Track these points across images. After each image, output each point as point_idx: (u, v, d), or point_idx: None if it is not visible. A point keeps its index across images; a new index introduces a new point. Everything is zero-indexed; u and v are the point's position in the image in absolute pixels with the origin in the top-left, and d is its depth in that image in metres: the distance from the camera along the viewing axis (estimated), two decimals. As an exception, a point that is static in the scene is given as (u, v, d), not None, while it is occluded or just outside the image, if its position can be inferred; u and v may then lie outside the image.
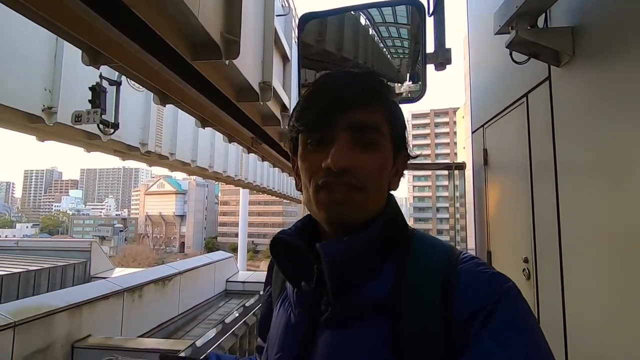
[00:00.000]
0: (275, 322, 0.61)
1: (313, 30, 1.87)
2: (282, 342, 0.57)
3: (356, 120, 0.52)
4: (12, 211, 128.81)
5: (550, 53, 1.34)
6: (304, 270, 0.55)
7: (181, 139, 7.40)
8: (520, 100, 1.67)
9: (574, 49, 1.25)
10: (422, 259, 0.52)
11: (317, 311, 0.54)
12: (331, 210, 0.52)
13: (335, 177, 0.51)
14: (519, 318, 0.46)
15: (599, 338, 1.16)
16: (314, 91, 0.56)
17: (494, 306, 0.45)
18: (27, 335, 3.94)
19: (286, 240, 0.57)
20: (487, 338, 0.44)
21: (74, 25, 2.60)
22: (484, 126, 2.15)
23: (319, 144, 0.53)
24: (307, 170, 0.54)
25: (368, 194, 0.52)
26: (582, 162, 1.25)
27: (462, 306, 0.46)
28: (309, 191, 0.54)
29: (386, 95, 0.56)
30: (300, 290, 0.56)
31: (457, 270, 0.50)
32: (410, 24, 1.88)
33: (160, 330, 6.68)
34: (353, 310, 0.51)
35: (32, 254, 11.24)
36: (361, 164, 0.51)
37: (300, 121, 0.55)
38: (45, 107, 4.50)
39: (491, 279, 0.48)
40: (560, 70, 1.33)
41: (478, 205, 2.24)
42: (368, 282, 0.52)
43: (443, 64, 1.66)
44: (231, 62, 3.30)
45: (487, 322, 0.44)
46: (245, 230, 26.24)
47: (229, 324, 2.23)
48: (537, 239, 1.52)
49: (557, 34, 1.28)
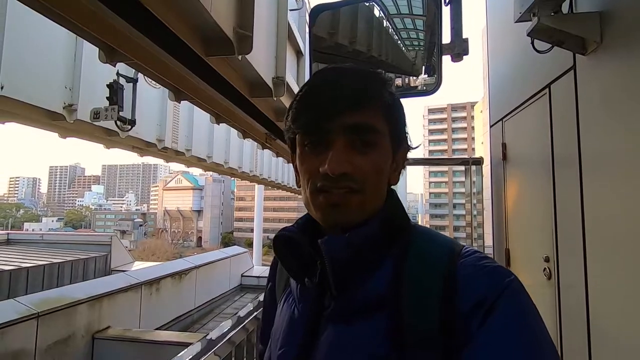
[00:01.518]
0: (279, 317, 0.61)
1: (325, 22, 1.83)
2: (286, 336, 0.57)
3: (350, 123, 0.52)
4: (38, 206, 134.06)
5: (575, 40, 1.26)
6: (307, 266, 0.56)
7: (197, 135, 7.48)
8: (542, 92, 1.59)
9: (601, 36, 1.17)
10: (422, 254, 0.52)
11: (320, 306, 0.54)
12: (328, 213, 0.53)
13: (333, 181, 0.51)
14: (521, 312, 0.45)
15: (626, 344, 1.09)
16: (307, 93, 0.56)
17: (496, 300, 0.45)
18: (49, 326, 4.09)
19: (288, 237, 0.57)
20: (489, 331, 0.44)
21: (89, 22, 2.64)
22: (502, 120, 2.06)
23: (315, 147, 0.54)
24: (305, 173, 0.55)
25: (365, 195, 0.53)
26: (610, 156, 1.17)
27: (464, 300, 0.46)
28: (307, 193, 0.55)
29: (382, 93, 0.55)
30: (304, 286, 0.57)
31: (458, 264, 0.49)
32: (425, 15, 1.81)
33: (177, 323, 6.81)
34: (354, 305, 0.52)
35: (56, 247, 11.66)
36: (358, 167, 0.52)
37: (296, 124, 0.55)
38: (66, 105, 4.62)
39: (493, 273, 0.48)
40: (587, 58, 1.25)
41: (496, 201, 2.16)
42: (369, 277, 0.52)
43: (460, 54, 1.60)
44: (244, 58, 3.29)
45: (489, 315, 0.44)
46: (260, 226, 26.50)
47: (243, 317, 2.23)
48: (559, 237, 1.45)
49: (584, 20, 1.20)
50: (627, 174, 1.08)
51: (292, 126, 0.56)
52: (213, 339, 1.69)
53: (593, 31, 1.18)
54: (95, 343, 4.67)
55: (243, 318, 2.01)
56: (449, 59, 1.59)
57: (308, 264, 0.55)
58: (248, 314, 2.03)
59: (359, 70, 0.58)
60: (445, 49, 1.60)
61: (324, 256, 0.51)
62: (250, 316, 2.00)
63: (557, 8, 1.24)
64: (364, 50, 1.88)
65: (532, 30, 1.25)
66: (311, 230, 0.58)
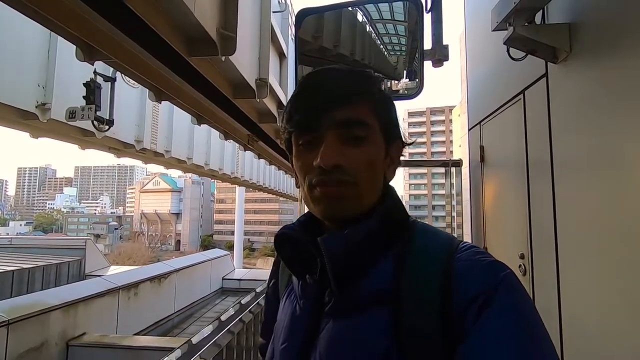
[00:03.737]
0: (281, 314, 0.63)
1: (310, 26, 1.85)
2: (287, 332, 0.59)
3: (341, 118, 0.54)
4: (5, 209, 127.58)
5: (547, 49, 1.34)
6: (308, 263, 0.57)
7: (177, 136, 7.34)
8: (517, 97, 1.67)
9: (571, 46, 1.25)
10: (422, 250, 0.53)
11: (321, 302, 0.55)
12: (326, 205, 0.55)
13: (327, 174, 0.53)
14: (517, 305, 0.46)
15: (595, 336, 1.16)
16: (300, 93, 0.58)
17: (492, 293, 0.45)
18: (21, 334, 3.92)
19: (289, 235, 0.59)
20: (485, 325, 0.44)
21: (67, 19, 2.56)
22: (480, 123, 2.15)
23: (309, 144, 0.55)
24: (301, 170, 0.57)
25: (360, 187, 0.54)
26: (579, 158, 1.25)
27: (460, 294, 0.47)
28: (305, 189, 0.57)
29: (371, 89, 0.57)
30: (305, 282, 0.58)
31: (455, 259, 0.50)
32: (407, 21, 1.87)
33: (157, 327, 6.66)
34: (355, 300, 0.53)
35: (26, 252, 11.16)
36: (350, 159, 0.53)
37: (290, 123, 0.58)
38: (39, 104, 4.44)
39: (488, 267, 0.49)
40: (558, 66, 1.33)
41: (474, 202, 2.24)
42: (369, 273, 0.53)
43: (440, 60, 1.66)
44: (227, 59, 3.27)
45: (485, 309, 0.45)
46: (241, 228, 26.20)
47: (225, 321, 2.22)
48: (533, 235, 1.53)
49: (554, 31, 1.27)
50: (595, 176, 1.16)
51: (287, 126, 0.58)
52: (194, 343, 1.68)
53: (563, 41, 1.26)
54: (70, 350, 4.52)
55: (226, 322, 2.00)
56: (429, 64, 1.65)
57: (309, 261, 0.57)
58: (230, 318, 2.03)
59: (348, 69, 0.60)
60: (427, 54, 1.65)
61: (324, 253, 0.52)
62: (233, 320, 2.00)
63: (531, 19, 1.31)
64: (347, 54, 1.91)
65: (508, 39, 1.32)
66: (312, 228, 0.60)
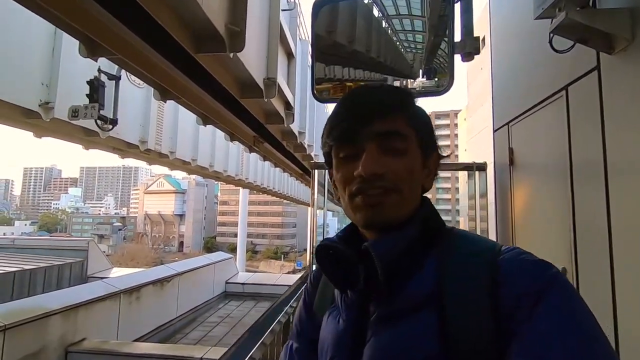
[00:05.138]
0: (324, 330, 0.64)
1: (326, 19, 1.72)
2: (334, 347, 0.59)
3: (380, 131, 0.56)
4: (10, 209, 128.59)
5: (601, 38, 1.19)
6: (350, 275, 0.57)
7: (181, 137, 7.24)
8: (557, 94, 1.52)
9: (633, 33, 1.10)
10: (464, 252, 0.54)
11: (366, 313, 0.56)
12: (367, 212, 0.56)
13: (368, 183, 0.55)
14: (572, 303, 0.45)
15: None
16: (341, 109, 0.61)
17: (544, 290, 0.44)
18: (17, 339, 3.78)
19: (332, 246, 0.59)
20: (540, 322, 0.43)
21: (71, 13, 2.46)
22: (509, 124, 1.99)
23: (349, 156, 0.58)
24: (342, 181, 0.59)
25: (401, 194, 0.56)
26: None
27: (508, 292, 0.46)
28: (345, 199, 0.59)
29: (407, 104, 0.60)
30: (347, 295, 0.59)
31: (500, 260, 0.50)
32: (427, 15, 1.73)
33: (158, 332, 6.52)
34: (400, 307, 0.53)
35: (29, 252, 11.07)
36: (390, 168, 0.55)
37: (331, 137, 0.60)
38: (42, 102, 4.35)
39: (535, 265, 0.49)
40: (614, 57, 1.18)
41: (500, 208, 2.08)
42: (412, 278, 0.54)
43: (471, 53, 1.53)
44: (235, 56, 3.15)
45: (538, 306, 0.44)
46: (244, 231, 26.14)
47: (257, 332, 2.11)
48: (579, 248, 1.37)
49: (614, 16, 1.12)
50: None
51: (327, 140, 0.61)
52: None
53: (624, 28, 1.10)
54: (68, 357, 4.38)
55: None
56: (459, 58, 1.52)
57: (351, 273, 0.57)
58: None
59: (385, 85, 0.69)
60: (456, 47, 1.52)
61: (374, 256, 0.53)
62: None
63: (585, 3, 1.16)
64: (362, 51, 1.79)
65: (558, 26, 1.17)
66: (352, 242, 0.60)
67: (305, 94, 6.70)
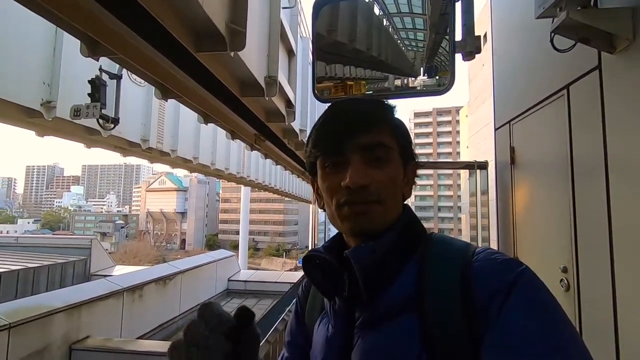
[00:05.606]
0: (316, 337, 0.66)
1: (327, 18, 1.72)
2: (324, 353, 0.61)
3: (364, 142, 0.59)
4: (13, 207, 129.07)
5: (602, 38, 1.19)
6: (337, 284, 0.59)
7: (183, 136, 7.24)
8: (558, 93, 1.52)
9: (634, 33, 1.09)
10: (440, 258, 0.56)
11: (352, 319, 0.58)
12: (354, 222, 0.59)
13: (355, 194, 0.57)
14: (538, 295, 0.47)
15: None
16: (325, 121, 0.63)
17: (512, 286, 0.47)
18: (22, 337, 3.81)
19: (317, 256, 0.61)
20: (508, 316, 0.45)
21: (71, 12, 2.46)
22: (510, 122, 1.99)
23: (335, 166, 0.60)
24: (328, 190, 0.61)
25: (385, 205, 0.59)
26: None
27: (480, 291, 0.49)
28: (332, 208, 0.61)
29: (389, 116, 0.64)
30: (335, 302, 0.61)
31: (472, 262, 0.53)
32: (428, 14, 1.73)
33: (161, 330, 6.55)
34: (383, 311, 0.55)
35: (32, 250, 11.12)
36: (375, 179, 0.58)
37: (317, 147, 0.62)
38: (44, 101, 4.36)
39: (504, 264, 0.51)
40: (615, 57, 1.18)
41: (502, 206, 2.08)
42: (394, 282, 0.56)
43: (472, 52, 1.53)
44: (236, 55, 3.15)
45: (506, 302, 0.46)
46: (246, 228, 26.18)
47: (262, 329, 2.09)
48: (579, 246, 1.37)
49: (615, 16, 1.12)
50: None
51: (313, 151, 0.63)
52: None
53: (625, 27, 1.10)
54: (72, 354, 4.40)
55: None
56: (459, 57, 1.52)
57: (337, 281, 0.59)
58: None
59: (368, 99, 0.71)
60: (457, 46, 1.53)
61: (353, 263, 0.55)
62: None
63: (586, 2, 1.16)
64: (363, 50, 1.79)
65: (559, 26, 1.17)
66: (337, 251, 0.62)
67: (307, 91, 6.69)
